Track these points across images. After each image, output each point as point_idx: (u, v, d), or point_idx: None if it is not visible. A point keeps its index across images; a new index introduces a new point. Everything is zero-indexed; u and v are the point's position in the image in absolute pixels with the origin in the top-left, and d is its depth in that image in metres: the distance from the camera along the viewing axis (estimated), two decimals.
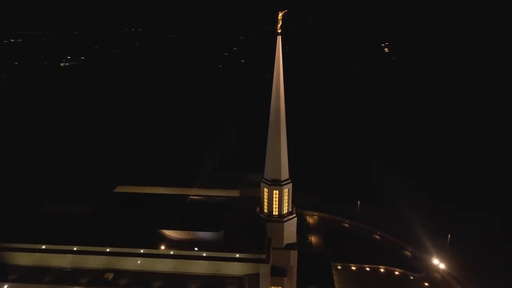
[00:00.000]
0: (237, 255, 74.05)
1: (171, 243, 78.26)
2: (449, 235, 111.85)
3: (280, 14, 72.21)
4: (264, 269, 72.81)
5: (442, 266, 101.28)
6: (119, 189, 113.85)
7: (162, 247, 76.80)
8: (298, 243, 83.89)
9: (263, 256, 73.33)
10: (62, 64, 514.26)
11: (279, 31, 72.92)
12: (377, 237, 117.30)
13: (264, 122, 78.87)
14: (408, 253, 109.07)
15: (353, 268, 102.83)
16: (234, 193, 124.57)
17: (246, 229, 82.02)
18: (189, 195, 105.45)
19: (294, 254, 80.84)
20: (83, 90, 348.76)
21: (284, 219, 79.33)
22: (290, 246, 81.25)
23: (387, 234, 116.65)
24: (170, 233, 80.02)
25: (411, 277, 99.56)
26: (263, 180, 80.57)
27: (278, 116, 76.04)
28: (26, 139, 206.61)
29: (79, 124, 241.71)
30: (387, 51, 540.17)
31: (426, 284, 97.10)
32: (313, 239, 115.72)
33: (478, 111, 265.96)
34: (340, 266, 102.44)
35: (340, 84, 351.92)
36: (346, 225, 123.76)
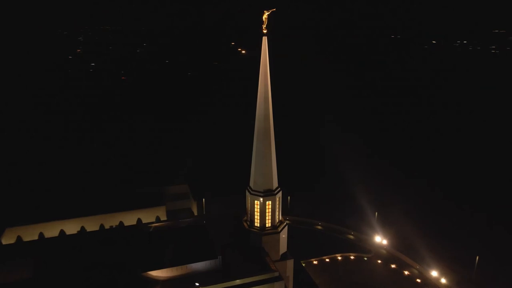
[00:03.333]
0: (248, 280, 67.14)
1: (164, 285, 65.79)
2: (376, 213, 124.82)
3: (266, 14, 67.25)
4: (279, 287, 68.09)
5: (384, 242, 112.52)
6: (10, 232, 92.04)
7: None
8: (290, 250, 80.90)
9: (276, 274, 68.44)
10: None
11: (264, 31, 67.90)
12: (320, 227, 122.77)
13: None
14: (352, 237, 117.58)
15: (315, 262, 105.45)
16: (161, 210, 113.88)
17: (238, 248, 75.13)
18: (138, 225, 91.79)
19: (290, 263, 77.93)
20: None
21: (279, 230, 75.49)
22: (284, 256, 77.93)
23: (327, 223, 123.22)
24: (159, 273, 67.04)
25: (365, 258, 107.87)
26: (252, 192, 74.52)
27: (267, 123, 71.13)
28: None
29: None
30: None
31: (379, 261, 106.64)
32: None
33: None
34: (304, 263, 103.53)
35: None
36: (288, 221, 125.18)
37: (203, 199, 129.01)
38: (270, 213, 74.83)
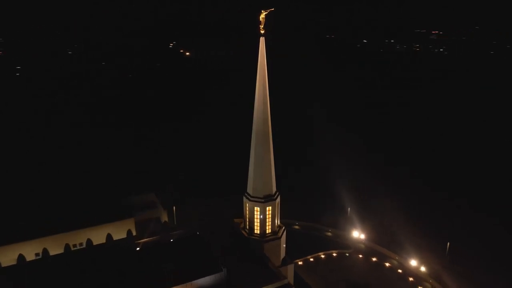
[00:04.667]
0: None
1: None
2: (349, 208, 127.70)
3: (263, 14, 64.65)
4: None
5: (362, 236, 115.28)
6: None
7: None
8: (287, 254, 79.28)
9: (286, 281, 66.48)
10: None
11: (262, 32, 65.32)
12: (297, 227, 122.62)
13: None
14: (330, 234, 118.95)
15: (300, 263, 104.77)
16: (130, 222, 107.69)
17: (238, 258, 71.95)
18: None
19: (291, 268, 76.45)
20: None
21: (280, 235, 73.59)
22: (285, 261, 76.27)
23: (304, 222, 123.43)
24: None
25: (347, 254, 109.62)
26: (252, 199, 71.70)
27: (266, 126, 68.68)
28: None
29: None
30: None
31: (360, 256, 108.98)
32: None
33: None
34: None
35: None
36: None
37: (174, 207, 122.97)
38: (270, 219, 72.56)
